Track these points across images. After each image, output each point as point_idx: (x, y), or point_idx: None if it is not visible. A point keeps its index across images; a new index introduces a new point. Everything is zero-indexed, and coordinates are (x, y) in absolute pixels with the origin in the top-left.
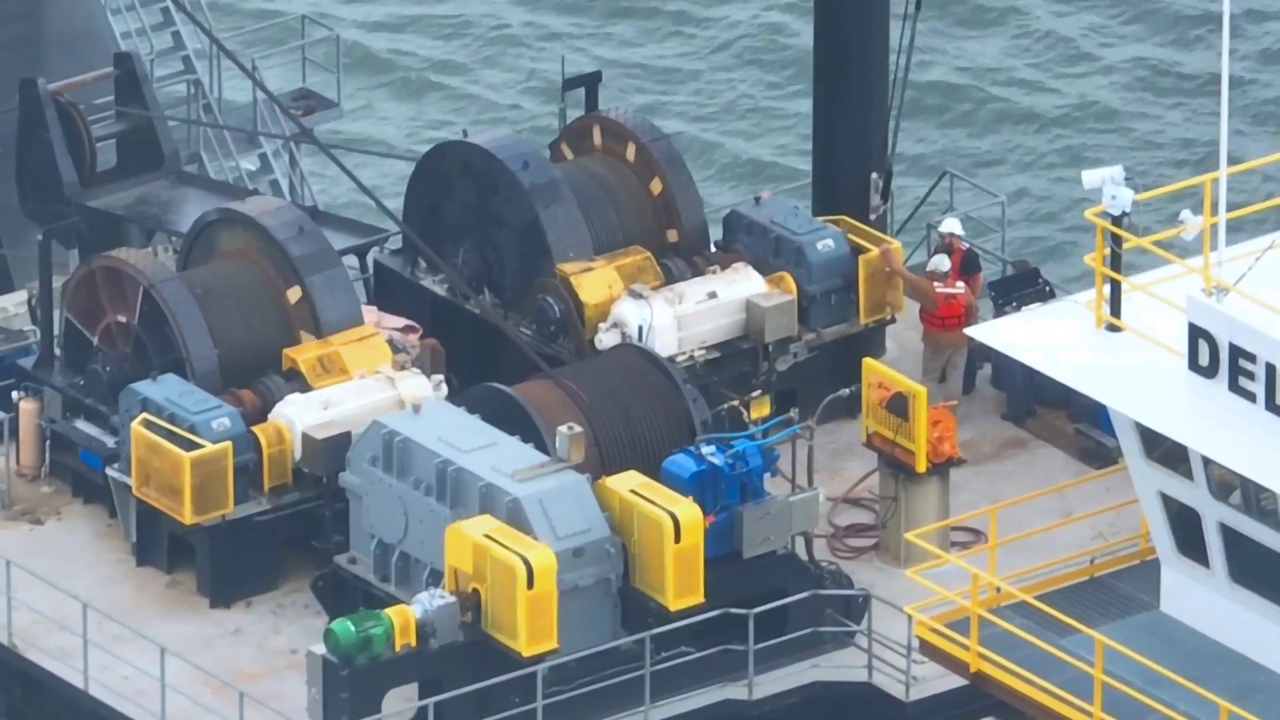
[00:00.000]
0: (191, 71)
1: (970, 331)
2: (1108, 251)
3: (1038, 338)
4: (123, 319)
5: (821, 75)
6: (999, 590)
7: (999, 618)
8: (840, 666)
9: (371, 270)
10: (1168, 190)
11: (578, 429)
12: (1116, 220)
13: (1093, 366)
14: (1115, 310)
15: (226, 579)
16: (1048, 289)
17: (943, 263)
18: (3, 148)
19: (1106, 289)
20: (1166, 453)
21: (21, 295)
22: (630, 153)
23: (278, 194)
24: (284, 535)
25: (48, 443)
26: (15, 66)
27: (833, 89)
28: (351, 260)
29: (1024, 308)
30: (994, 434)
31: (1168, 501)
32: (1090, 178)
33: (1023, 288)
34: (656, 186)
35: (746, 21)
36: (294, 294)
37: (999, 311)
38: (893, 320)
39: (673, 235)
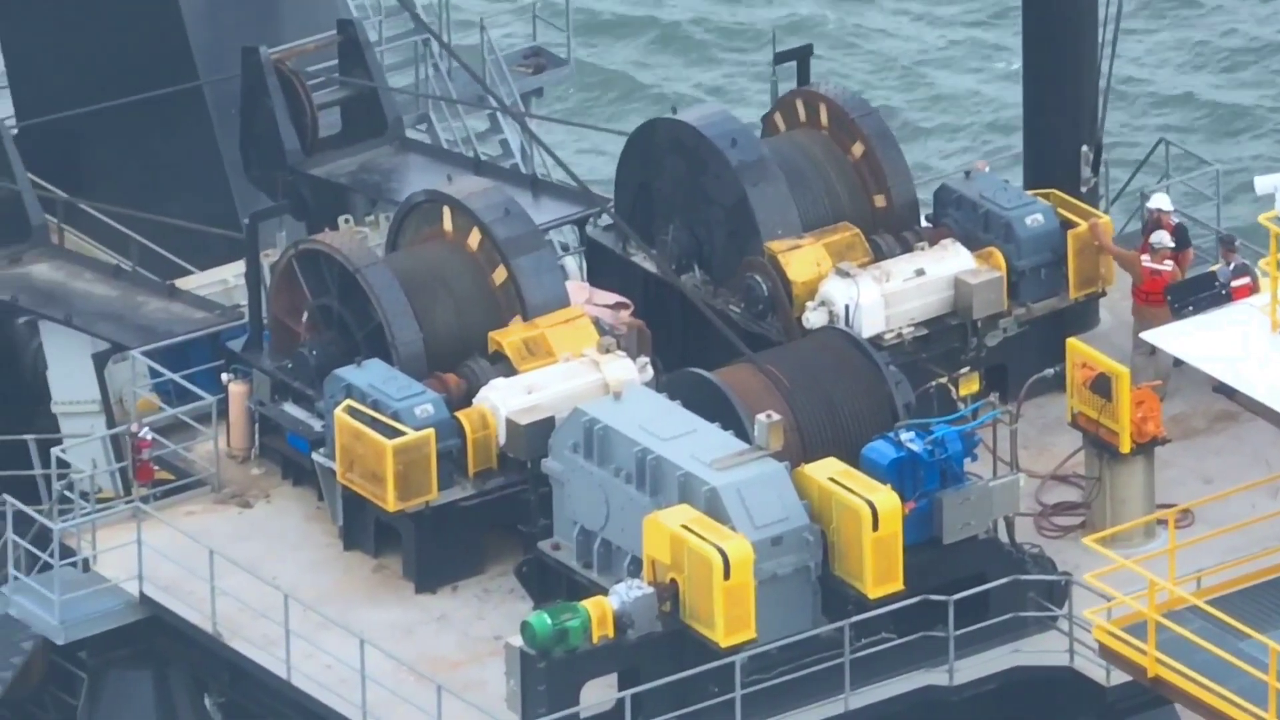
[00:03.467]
0: (420, 31)
1: (1145, 336)
2: None
3: (1212, 343)
4: (327, 303)
5: (1031, 47)
6: (1199, 584)
7: (1178, 620)
8: (1041, 651)
9: (583, 243)
10: None
11: (776, 417)
12: None
13: (1266, 372)
14: None
15: (431, 564)
16: (1224, 292)
17: (1164, 239)
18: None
19: None
20: None
21: (241, 266)
22: (839, 127)
23: (507, 155)
24: (489, 520)
25: (257, 425)
26: (247, 26)
27: (1042, 61)
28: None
29: (1200, 311)
30: (1205, 407)
31: None
32: (1263, 184)
33: (1199, 291)
34: (865, 161)
35: None
36: (500, 275)
37: (1175, 315)
38: (1103, 294)
39: (880, 200)
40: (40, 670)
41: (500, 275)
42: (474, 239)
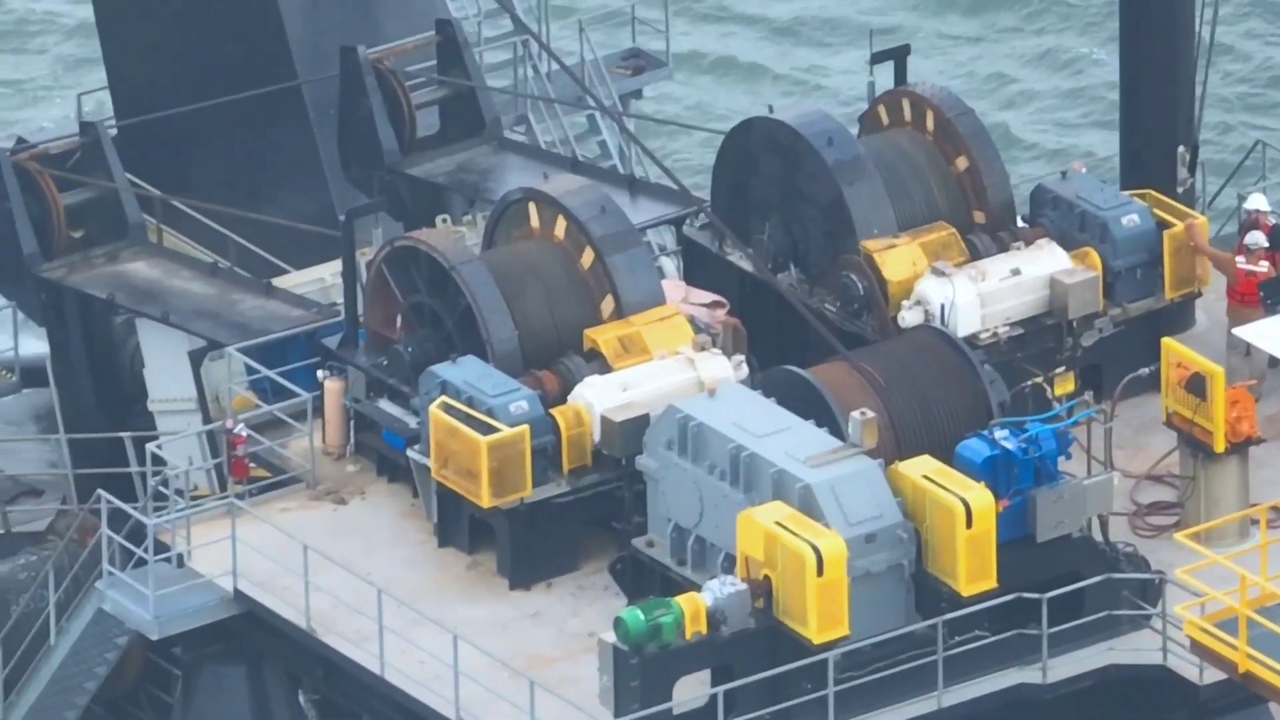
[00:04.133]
0: (520, 32)
1: (1238, 332)
2: None
3: None
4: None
5: (1127, 47)
6: None
7: (1270, 616)
8: (1135, 649)
9: (680, 243)
10: None
11: (870, 414)
12: None
13: None
14: None
15: (526, 561)
16: None
17: (1259, 239)
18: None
19: None
20: None
21: (338, 265)
22: (935, 127)
23: (605, 156)
24: (584, 517)
25: (352, 422)
26: (346, 26)
27: (1138, 61)
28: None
29: None
30: None
31: None
32: None
33: None
34: (962, 162)
35: None
36: (586, 257)
37: (1269, 313)
38: (1199, 295)
39: (980, 217)
40: (137, 667)
41: (596, 273)
42: (569, 236)
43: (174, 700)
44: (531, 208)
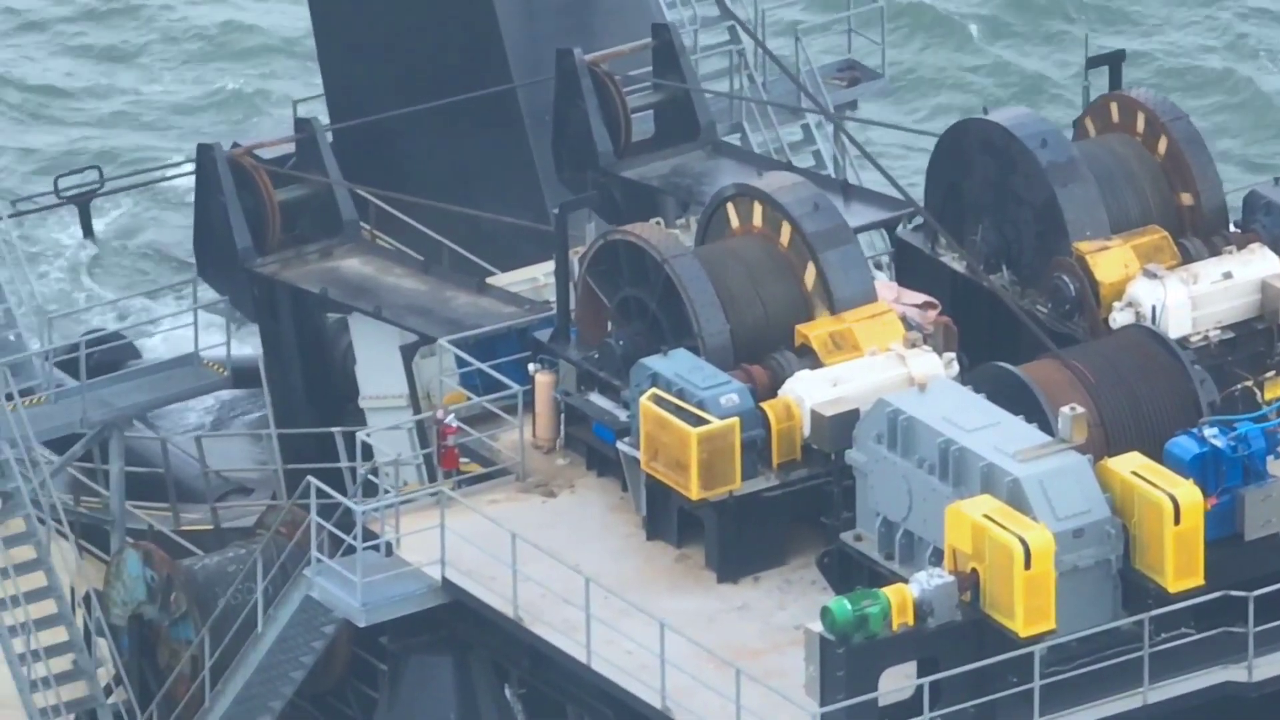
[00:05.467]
0: (736, 41)
1: None
2: None
3: None
4: (638, 294)
5: None
6: None
7: None
8: None
9: (892, 246)
10: None
11: (1080, 410)
12: None
13: None
14: None
15: (734, 554)
16: None
17: None
18: (549, 115)
19: None
20: None
21: (551, 265)
22: (1150, 132)
23: (820, 167)
24: (792, 511)
25: (562, 415)
26: (562, 32)
27: None
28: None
29: None
30: None
31: None
32: None
33: None
34: (1175, 167)
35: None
36: (810, 274)
37: None
38: None
39: (1188, 204)
40: (343, 661)
41: (809, 270)
42: (783, 232)
43: (379, 693)
44: (732, 204)
